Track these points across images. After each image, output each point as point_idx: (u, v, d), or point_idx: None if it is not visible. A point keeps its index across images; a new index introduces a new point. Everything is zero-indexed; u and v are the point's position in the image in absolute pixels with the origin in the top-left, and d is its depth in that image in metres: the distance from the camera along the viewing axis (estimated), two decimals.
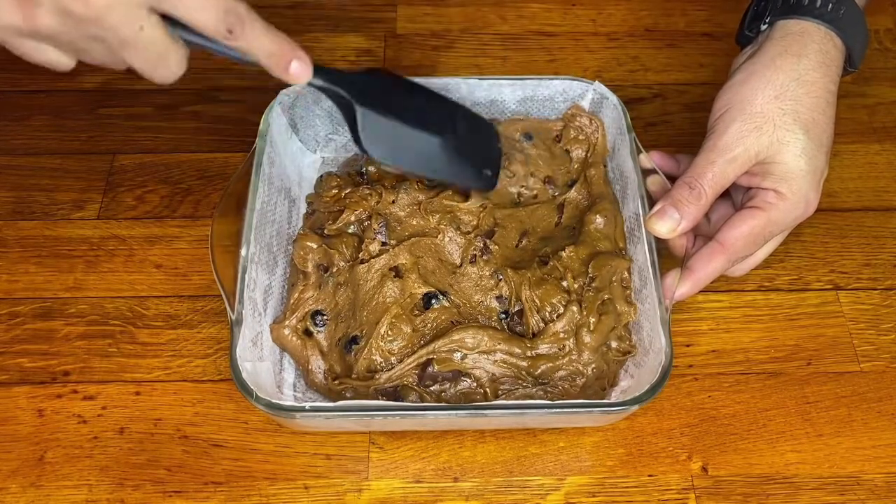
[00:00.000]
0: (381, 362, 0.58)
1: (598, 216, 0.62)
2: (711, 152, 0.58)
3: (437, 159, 0.60)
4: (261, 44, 0.50)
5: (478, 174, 0.63)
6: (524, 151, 0.67)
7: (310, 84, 0.54)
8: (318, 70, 0.54)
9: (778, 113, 0.58)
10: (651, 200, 0.60)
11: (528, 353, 0.57)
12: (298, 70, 0.52)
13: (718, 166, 0.58)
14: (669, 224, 0.57)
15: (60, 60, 0.48)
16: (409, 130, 0.59)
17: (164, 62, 0.48)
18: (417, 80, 0.64)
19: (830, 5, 0.59)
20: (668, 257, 0.60)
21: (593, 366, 0.57)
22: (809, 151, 0.58)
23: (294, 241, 0.62)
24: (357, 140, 0.57)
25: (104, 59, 0.48)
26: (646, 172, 0.62)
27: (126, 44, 0.46)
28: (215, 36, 0.48)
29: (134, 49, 0.47)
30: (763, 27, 0.62)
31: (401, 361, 0.57)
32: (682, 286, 0.58)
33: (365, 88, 0.57)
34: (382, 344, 0.58)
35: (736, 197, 0.62)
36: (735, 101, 0.59)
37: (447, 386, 0.57)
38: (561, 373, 0.57)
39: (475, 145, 0.64)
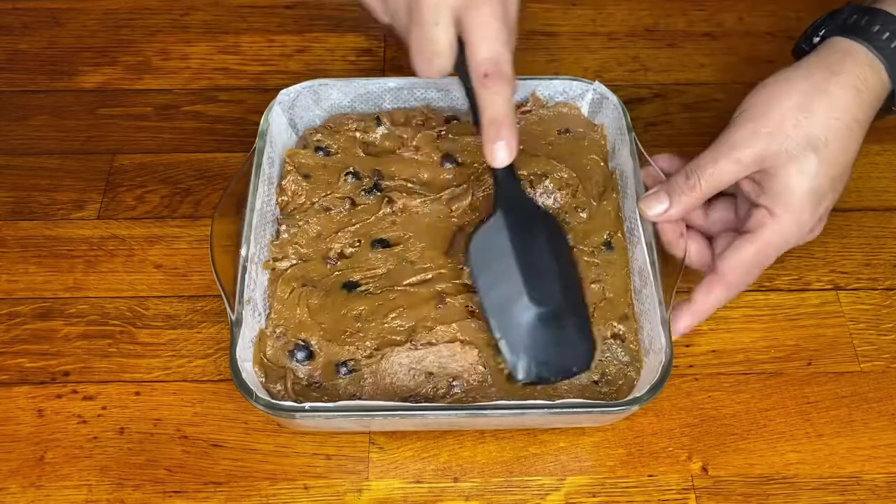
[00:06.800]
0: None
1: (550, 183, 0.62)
2: (720, 148, 0.58)
3: (508, 315, 0.55)
4: (496, 104, 0.53)
5: (524, 360, 0.56)
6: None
7: (494, 169, 0.55)
8: (511, 168, 0.55)
9: (792, 123, 0.56)
10: None
11: None
12: (503, 150, 0.53)
13: (720, 164, 0.57)
14: (658, 207, 0.58)
15: (375, 8, 0.57)
16: (515, 273, 0.55)
17: (434, 59, 0.54)
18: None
19: (887, 34, 0.57)
20: (667, 257, 0.60)
21: None
22: (812, 171, 0.56)
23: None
24: (471, 236, 0.57)
25: (399, 27, 0.55)
26: (643, 165, 0.62)
27: (418, 25, 0.53)
28: (475, 74, 0.53)
29: (419, 33, 0.53)
30: (815, 41, 0.61)
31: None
32: (684, 319, 0.58)
33: (521, 211, 0.57)
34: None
35: (741, 205, 0.62)
36: (759, 102, 0.58)
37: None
38: None
39: (555, 339, 0.57)
